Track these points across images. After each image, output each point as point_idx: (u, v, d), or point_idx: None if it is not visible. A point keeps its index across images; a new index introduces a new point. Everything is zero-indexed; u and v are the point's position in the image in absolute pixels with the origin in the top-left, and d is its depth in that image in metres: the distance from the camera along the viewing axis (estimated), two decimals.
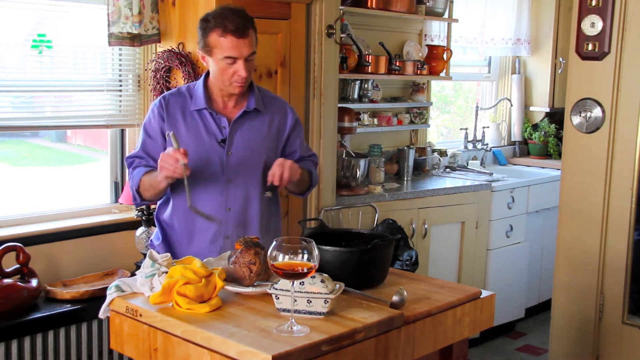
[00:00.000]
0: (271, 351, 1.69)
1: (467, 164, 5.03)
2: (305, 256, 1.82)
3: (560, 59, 5.37)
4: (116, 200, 3.49)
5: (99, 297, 2.88)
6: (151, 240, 2.70)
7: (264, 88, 2.71)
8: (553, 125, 5.50)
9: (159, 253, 2.59)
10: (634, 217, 3.45)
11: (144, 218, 3.24)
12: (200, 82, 2.55)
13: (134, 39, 3.27)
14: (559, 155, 5.18)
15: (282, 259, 1.82)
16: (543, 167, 5.33)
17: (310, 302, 1.93)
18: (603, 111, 3.49)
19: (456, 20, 4.73)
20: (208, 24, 2.41)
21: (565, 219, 3.68)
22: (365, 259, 2.17)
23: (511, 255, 4.63)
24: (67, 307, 2.93)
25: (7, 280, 2.82)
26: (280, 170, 2.41)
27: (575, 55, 3.57)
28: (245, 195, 2.54)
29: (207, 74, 2.55)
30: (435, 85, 5.18)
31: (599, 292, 3.57)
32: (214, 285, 2.02)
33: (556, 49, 5.45)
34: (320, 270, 1.99)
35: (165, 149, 2.45)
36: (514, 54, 5.50)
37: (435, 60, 4.62)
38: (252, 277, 2.10)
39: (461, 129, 5.30)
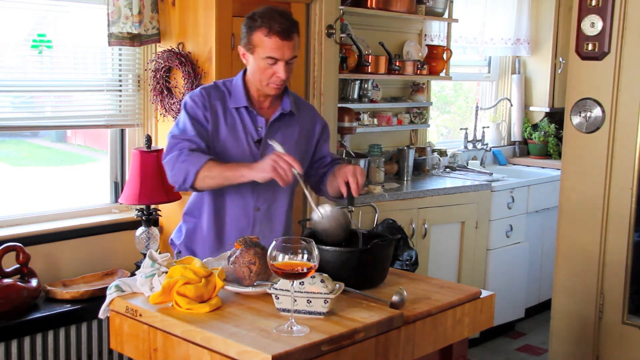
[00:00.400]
0: (271, 351, 1.69)
1: (467, 164, 5.03)
2: (305, 256, 1.82)
3: (560, 59, 5.37)
4: (116, 200, 3.49)
5: (99, 297, 2.88)
6: (171, 238, 2.70)
7: (294, 92, 2.70)
8: (553, 125, 5.50)
9: (180, 253, 2.63)
10: (634, 217, 3.45)
11: (143, 218, 3.24)
12: (239, 79, 2.54)
13: (134, 39, 3.27)
14: (559, 155, 5.18)
15: (282, 259, 1.82)
16: (543, 167, 5.33)
17: (310, 302, 1.93)
18: (603, 111, 3.49)
19: (456, 20, 4.74)
20: (254, 22, 2.40)
21: (565, 219, 3.68)
22: (365, 259, 2.17)
23: (511, 255, 4.63)
24: (67, 307, 2.93)
25: (7, 280, 2.82)
26: (355, 180, 2.39)
27: (575, 55, 3.57)
28: (273, 197, 2.55)
29: (244, 72, 2.55)
30: (435, 85, 5.18)
31: (599, 292, 3.57)
32: (214, 285, 2.02)
33: (556, 49, 5.45)
34: (320, 270, 1.99)
35: (209, 135, 2.45)
36: (513, 54, 5.50)
37: (435, 60, 4.62)
38: (252, 277, 2.10)
39: (461, 129, 5.30)
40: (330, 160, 2.67)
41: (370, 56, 4.14)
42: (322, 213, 2.29)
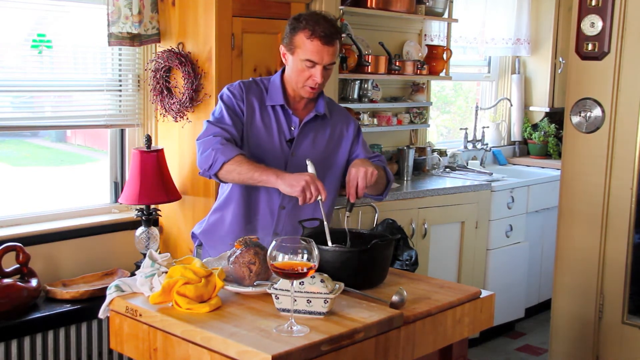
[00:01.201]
0: (271, 351, 1.69)
1: (467, 164, 5.03)
2: (305, 256, 1.83)
3: (560, 59, 5.37)
4: (116, 200, 3.49)
5: (98, 297, 2.88)
6: (192, 232, 2.72)
7: (327, 96, 2.71)
8: (553, 125, 5.50)
9: (201, 245, 2.65)
10: (634, 217, 3.45)
11: (143, 218, 3.24)
12: (277, 78, 2.57)
13: (134, 39, 3.27)
14: (559, 155, 5.18)
15: (282, 259, 1.82)
16: (543, 167, 5.33)
17: (310, 302, 1.93)
18: (603, 111, 3.49)
19: (456, 20, 4.73)
20: (299, 23, 2.43)
21: (565, 219, 3.68)
22: (365, 259, 2.17)
23: (511, 255, 4.63)
24: (67, 307, 2.93)
25: (7, 280, 2.82)
26: (354, 185, 2.38)
27: (575, 55, 3.57)
28: None
29: (282, 71, 2.57)
30: (435, 85, 5.18)
31: (599, 292, 3.57)
32: (214, 285, 2.02)
33: (556, 49, 5.45)
34: (320, 270, 1.99)
35: (243, 127, 2.48)
36: (514, 54, 5.50)
37: (435, 60, 4.62)
38: (252, 277, 2.10)
39: (461, 129, 5.30)
40: (362, 157, 2.65)
41: (370, 56, 4.14)
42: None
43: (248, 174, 2.35)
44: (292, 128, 2.55)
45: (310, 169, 2.35)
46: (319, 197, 2.25)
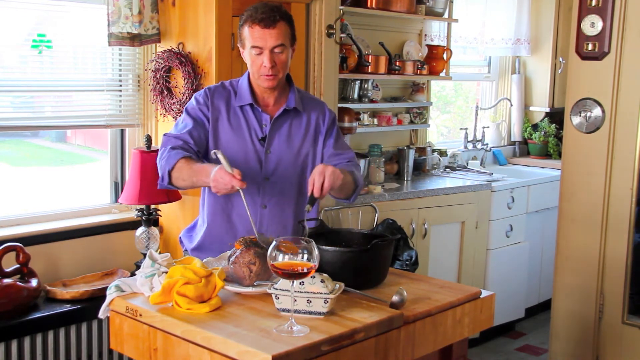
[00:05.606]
0: (271, 351, 1.69)
1: (467, 164, 5.03)
2: (305, 256, 1.83)
3: (560, 59, 5.37)
4: (116, 200, 3.49)
5: (99, 297, 2.88)
6: (180, 237, 2.72)
7: (302, 90, 2.69)
8: (553, 125, 5.50)
9: (187, 251, 2.63)
10: (634, 217, 3.45)
11: (143, 218, 3.24)
12: (244, 78, 2.56)
13: (134, 39, 3.27)
14: (559, 155, 5.18)
15: (282, 259, 1.82)
16: (543, 167, 5.33)
17: (310, 302, 1.93)
18: (603, 111, 3.49)
19: (456, 20, 4.74)
20: (242, 16, 2.44)
21: (565, 219, 3.68)
22: (365, 259, 2.17)
23: (511, 255, 4.63)
24: (67, 307, 2.93)
25: (7, 280, 2.82)
26: (321, 179, 2.27)
27: (575, 55, 3.57)
28: (281, 194, 2.53)
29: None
30: (435, 85, 5.18)
31: (599, 292, 3.57)
32: (214, 285, 2.02)
33: (556, 49, 5.46)
34: (320, 270, 1.99)
35: (207, 136, 2.48)
36: (514, 54, 5.50)
37: (435, 60, 4.62)
38: (252, 277, 2.10)
39: (461, 129, 5.30)
40: (330, 152, 2.59)
41: (370, 56, 4.14)
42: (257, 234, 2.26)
43: (190, 180, 2.36)
44: (264, 125, 2.52)
45: (221, 159, 2.24)
46: (238, 188, 2.19)
